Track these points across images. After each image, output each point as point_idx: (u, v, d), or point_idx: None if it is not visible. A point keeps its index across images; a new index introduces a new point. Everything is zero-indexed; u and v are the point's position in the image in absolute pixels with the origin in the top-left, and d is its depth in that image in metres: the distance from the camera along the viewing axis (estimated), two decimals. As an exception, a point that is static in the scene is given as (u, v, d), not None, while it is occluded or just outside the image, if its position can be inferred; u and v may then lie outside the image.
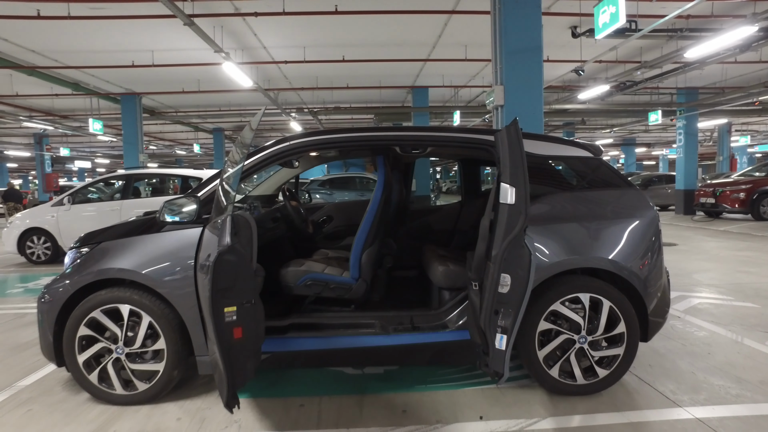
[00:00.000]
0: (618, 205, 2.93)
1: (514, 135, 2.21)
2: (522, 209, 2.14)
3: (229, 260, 1.88)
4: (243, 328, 1.94)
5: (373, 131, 2.98)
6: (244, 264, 1.95)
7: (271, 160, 2.93)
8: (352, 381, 3.04)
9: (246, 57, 10.31)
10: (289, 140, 2.92)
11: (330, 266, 3.30)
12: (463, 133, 2.97)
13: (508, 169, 2.19)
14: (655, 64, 9.47)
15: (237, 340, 1.92)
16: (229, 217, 1.94)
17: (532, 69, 5.43)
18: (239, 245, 1.95)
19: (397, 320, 2.98)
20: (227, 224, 1.92)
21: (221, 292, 1.87)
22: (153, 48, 9.56)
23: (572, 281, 2.76)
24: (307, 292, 3.10)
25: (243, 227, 2.03)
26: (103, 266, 2.74)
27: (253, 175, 2.96)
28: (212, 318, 1.84)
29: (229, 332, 1.90)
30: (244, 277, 1.95)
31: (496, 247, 2.20)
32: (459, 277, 3.09)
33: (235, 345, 1.92)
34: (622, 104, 15.58)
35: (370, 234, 3.06)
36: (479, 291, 2.37)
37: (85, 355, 2.73)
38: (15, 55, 9.74)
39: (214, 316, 1.85)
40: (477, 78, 13.25)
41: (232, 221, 1.94)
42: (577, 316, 2.72)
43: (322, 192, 14.31)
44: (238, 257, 1.92)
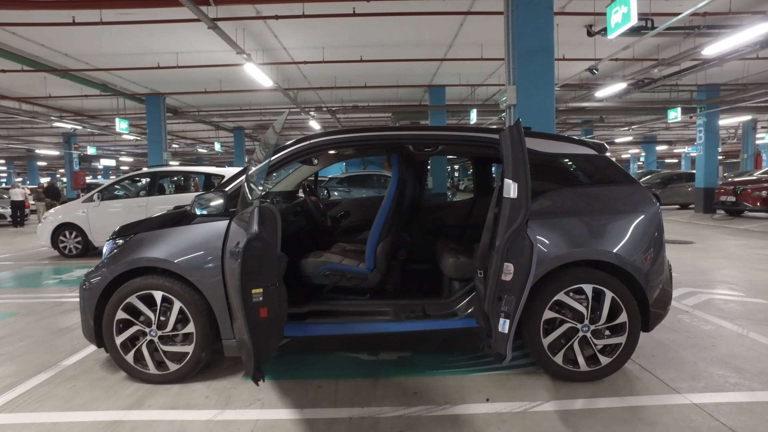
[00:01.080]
0: (621, 201, 3.06)
1: (516, 134, 2.37)
2: (523, 203, 2.30)
3: (257, 246, 2.10)
4: (268, 309, 2.15)
5: (387, 131, 3.17)
6: (270, 250, 2.16)
7: (292, 157, 3.13)
8: (366, 365, 3.24)
9: (267, 58, 10.59)
10: (309, 139, 3.12)
11: (347, 258, 3.50)
12: (471, 132, 3.14)
13: (511, 165, 2.36)
14: (672, 62, 9.44)
15: (263, 320, 2.13)
16: (257, 209, 2.15)
17: (544, 69, 5.55)
18: (266, 233, 2.16)
19: (410, 308, 3.16)
20: (255, 214, 2.13)
21: (249, 275, 2.08)
22: (177, 50, 9.90)
23: (576, 273, 2.90)
24: (325, 282, 3.31)
25: (269, 217, 2.23)
26: (137, 255, 2.98)
27: (275, 172, 3.17)
28: (241, 298, 2.06)
29: (256, 312, 2.11)
30: (269, 262, 2.17)
31: (499, 238, 2.37)
32: (469, 268, 3.26)
33: (260, 324, 2.13)
34: (640, 102, 15.45)
35: (384, 227, 3.25)
36: (484, 279, 2.55)
37: (122, 337, 2.97)
38: (50, 58, 10.20)
39: (243, 296, 2.06)
40: (493, 77, 13.32)
41: (259, 212, 2.16)
42: (581, 306, 2.87)
43: (340, 189, 14.56)
44: (264, 244, 2.13)
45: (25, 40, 8.96)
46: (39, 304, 5.14)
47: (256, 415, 2.57)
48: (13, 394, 2.91)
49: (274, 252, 2.22)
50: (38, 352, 3.64)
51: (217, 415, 2.58)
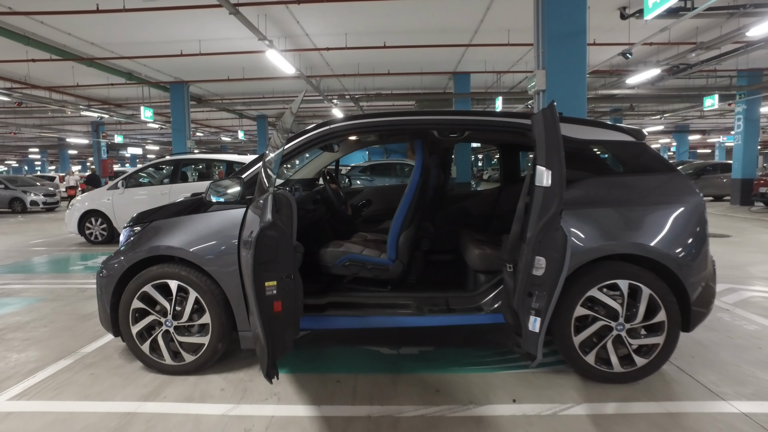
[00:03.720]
0: (661, 191, 2.85)
1: (549, 118, 2.19)
2: (557, 192, 2.13)
3: (271, 236, 1.98)
4: (282, 302, 2.04)
5: (411, 115, 3.02)
6: (285, 240, 2.05)
7: (312, 143, 3.01)
8: (387, 360, 3.12)
9: (289, 45, 10.49)
10: (329, 124, 2.99)
11: (368, 248, 3.38)
12: (499, 117, 2.96)
13: (544, 151, 2.18)
14: (712, 45, 8.94)
15: (277, 314, 2.03)
16: (271, 196, 2.04)
17: (575, 53, 5.28)
18: (280, 222, 2.05)
19: (433, 302, 3.03)
20: (269, 202, 2.02)
21: (263, 266, 1.98)
22: (200, 38, 9.88)
23: (611, 267, 2.72)
24: (345, 272, 3.20)
25: (284, 206, 2.12)
26: (153, 244, 2.92)
27: (295, 158, 3.06)
28: (254, 291, 1.95)
29: (270, 305, 2.00)
30: (284, 252, 2.05)
31: (530, 230, 2.20)
32: (495, 260, 3.11)
33: (275, 318, 2.02)
34: (674, 89, 14.81)
35: (407, 216, 3.12)
36: (513, 273, 2.39)
37: (138, 326, 2.92)
38: (77, 47, 10.32)
39: (255, 289, 1.96)
40: (520, 63, 12.94)
41: (273, 200, 2.04)
42: (615, 303, 2.69)
43: (363, 178, 14.44)
44: (279, 233, 2.01)
45: (53, 29, 9.06)
46: (65, 289, 5.19)
47: (272, 411, 2.49)
48: (34, 380, 2.90)
49: (289, 242, 2.10)
50: (61, 337, 3.64)
51: (232, 410, 2.50)
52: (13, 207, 17.77)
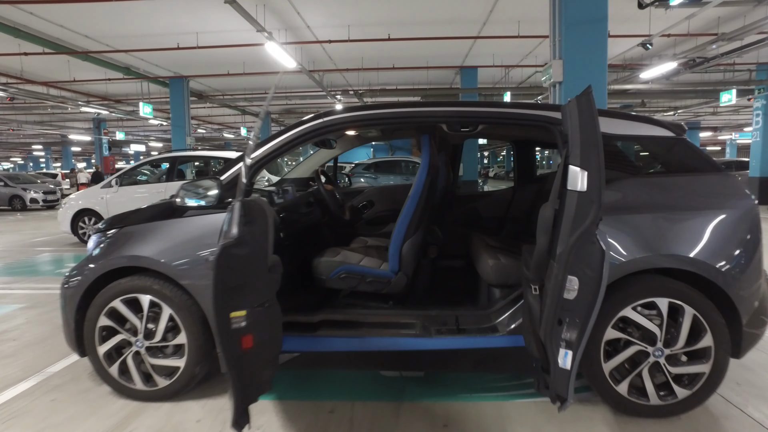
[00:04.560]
0: (705, 194, 2.45)
1: (586, 107, 1.81)
2: (595, 198, 1.75)
3: (237, 255, 1.61)
4: (254, 336, 1.67)
5: (418, 107, 2.63)
6: (257, 259, 1.67)
7: (304, 138, 2.64)
8: (388, 384, 2.75)
9: (290, 37, 10.11)
10: (324, 116, 2.62)
11: (368, 256, 3.01)
12: (519, 109, 2.57)
13: (579, 148, 1.80)
14: (734, 37, 8.48)
15: (247, 351, 1.65)
16: (239, 204, 1.65)
17: (595, 42, 4.87)
18: (251, 236, 1.67)
19: (441, 320, 2.65)
20: (236, 212, 1.64)
21: (227, 293, 1.60)
22: (197, 30, 9.53)
23: (647, 283, 2.34)
24: (341, 286, 2.83)
25: (257, 216, 1.74)
26: (122, 253, 2.57)
27: (283, 155, 2.69)
28: (217, 324, 1.58)
29: (237, 341, 1.63)
30: (256, 275, 1.68)
31: (561, 243, 1.82)
32: (511, 272, 2.73)
33: (244, 356, 1.65)
34: (689, 84, 14.29)
35: (412, 222, 2.74)
36: (539, 296, 2.00)
37: (106, 346, 2.58)
38: (70, 40, 10.00)
39: (218, 322, 1.58)
40: (530, 57, 12.51)
41: (243, 208, 1.66)
42: (652, 325, 2.30)
43: (366, 176, 14.04)
44: (248, 251, 1.64)
45: (43, 21, 8.73)
46: (46, 295, 4.85)
47: (253, 451, 2.12)
48: (-14, 408, 2.56)
49: (262, 261, 1.72)
50: (29, 353, 3.30)
51: (206, 450, 2.14)
52: (13, 205, 17.56)
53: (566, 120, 1.91)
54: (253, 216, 1.71)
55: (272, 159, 2.63)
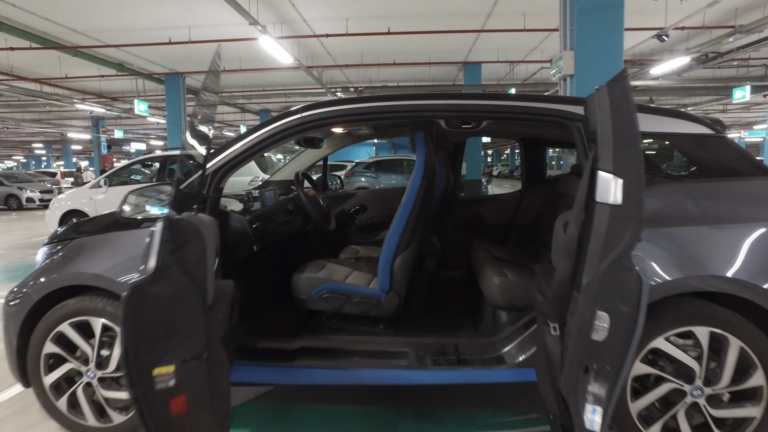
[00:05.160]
0: (753, 202, 2.08)
1: (621, 97, 1.43)
2: (633, 213, 1.37)
3: (157, 295, 1.23)
4: (188, 397, 1.30)
5: (412, 99, 2.26)
6: (188, 297, 1.31)
7: (280, 136, 2.28)
8: (375, 419, 2.38)
9: (286, 31, 9.73)
10: (304, 111, 2.26)
11: (357, 271, 2.65)
12: (531, 102, 2.19)
13: (612, 149, 1.42)
14: (753, 29, 8.04)
15: (179, 417, 1.29)
16: (161, 225, 1.28)
17: (610, 31, 4.48)
18: (179, 267, 1.29)
19: (438, 349, 2.29)
20: (156, 236, 1.27)
21: (145, 346, 1.23)
22: (189, 24, 9.17)
23: (683, 309, 1.96)
24: (323, 307, 2.46)
25: (190, 237, 1.36)
26: (70, 269, 2.22)
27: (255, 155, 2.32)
28: (131, 387, 1.21)
29: (164, 405, 1.26)
30: (187, 317, 1.31)
31: (589, 271, 1.44)
32: (521, 293, 2.36)
33: (175, 424, 1.28)
34: (700, 80, 13.81)
35: (405, 233, 2.37)
36: (560, 336, 1.62)
37: (53, 376, 2.23)
38: (58, 35, 9.66)
39: (134, 384, 1.21)
40: (535, 52, 12.08)
41: (167, 230, 1.28)
42: (690, 358, 1.93)
43: (367, 175, 13.65)
44: (174, 288, 1.27)
45: (27, 13, 8.37)
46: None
47: None
48: None
49: (197, 298, 1.35)
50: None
51: None
52: (9, 204, 17.31)
53: (593, 113, 1.53)
54: (183, 239, 1.34)
55: (243, 162, 2.28)
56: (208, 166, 2.25)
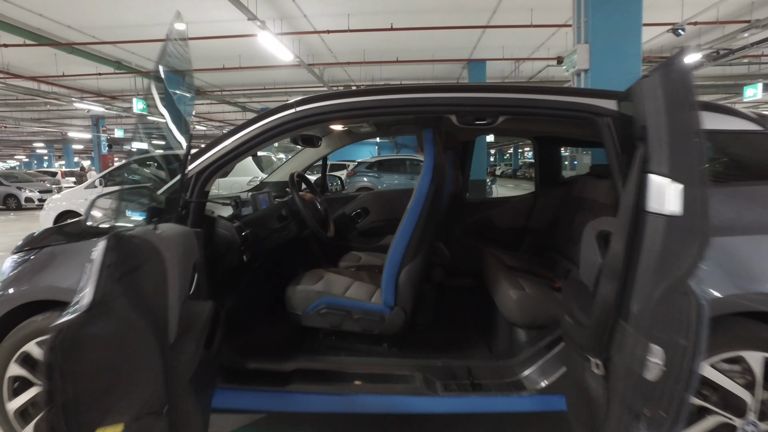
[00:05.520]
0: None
1: (679, 84, 1.18)
2: (698, 226, 1.12)
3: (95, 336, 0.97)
4: None
5: (421, 92, 2.01)
6: (139, 336, 1.05)
7: (272, 134, 2.05)
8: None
9: (286, 27, 9.47)
10: (298, 106, 2.02)
11: (358, 281, 2.41)
12: (557, 96, 1.94)
13: (667, 148, 1.17)
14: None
15: None
16: (104, 245, 1.02)
17: (628, 22, 4.22)
18: (128, 300, 1.04)
19: (449, 372, 2.04)
20: (97, 261, 1.01)
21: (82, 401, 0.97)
22: (187, 20, 8.91)
23: (732, 330, 1.71)
24: (321, 324, 2.22)
25: (147, 259, 1.11)
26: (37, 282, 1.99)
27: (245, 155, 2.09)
28: None
29: None
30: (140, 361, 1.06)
31: (639, 297, 1.19)
32: (541, 309, 2.11)
33: None
34: (710, 77, 13.51)
35: (412, 242, 2.12)
36: (604, 375, 1.36)
37: (18, 402, 2.00)
38: (52, 31, 9.43)
39: None
40: (541, 49, 11.81)
41: (111, 251, 1.02)
42: (739, 387, 1.68)
43: (370, 175, 13.39)
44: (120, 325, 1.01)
45: (21, 9, 8.15)
46: None
47: None
48: None
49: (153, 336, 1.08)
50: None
51: None
52: (8, 204, 17.13)
53: (641, 105, 1.28)
54: (135, 262, 1.08)
55: (231, 162, 2.04)
56: (192, 167, 2.01)
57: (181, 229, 1.50)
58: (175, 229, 1.44)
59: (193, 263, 1.57)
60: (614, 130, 1.82)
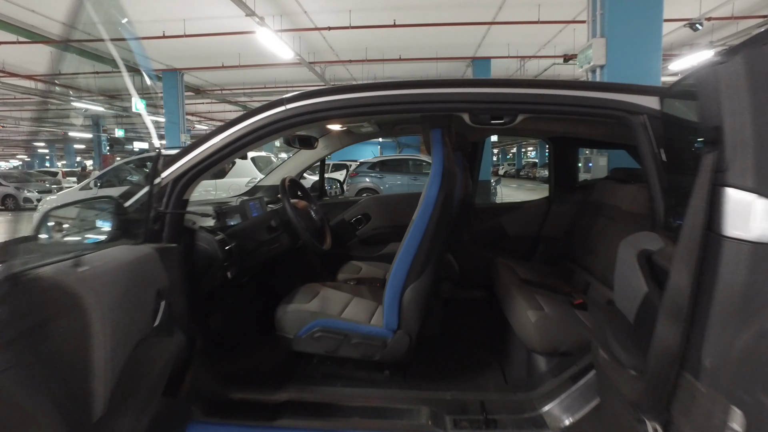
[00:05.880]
0: None
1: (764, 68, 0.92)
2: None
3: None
4: None
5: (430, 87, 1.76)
6: (37, 423, 0.79)
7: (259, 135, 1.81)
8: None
9: (285, 24, 9.22)
10: (288, 102, 1.77)
11: (358, 298, 2.16)
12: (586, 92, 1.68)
13: (752, 155, 0.91)
14: (787, 19, 7.50)
15: None
16: None
17: (648, 13, 3.94)
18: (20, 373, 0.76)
19: (459, 406, 1.79)
20: None
21: None
22: (184, 17, 8.69)
23: None
24: (314, 349, 1.96)
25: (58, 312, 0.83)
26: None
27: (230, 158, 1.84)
28: None
29: None
30: None
31: (714, 346, 0.93)
32: (565, 333, 1.86)
33: None
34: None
35: (418, 257, 1.86)
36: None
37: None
38: (46, 28, 9.19)
39: None
40: (548, 47, 11.55)
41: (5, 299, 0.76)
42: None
43: (372, 175, 13.11)
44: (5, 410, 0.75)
45: (11, 4, 7.92)
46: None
47: None
48: None
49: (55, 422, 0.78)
50: None
51: None
52: (6, 204, 16.92)
53: (713, 100, 1.02)
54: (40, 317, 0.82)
55: (213, 167, 1.79)
56: (167, 173, 1.76)
57: (133, 255, 1.25)
58: (120, 257, 1.19)
59: (157, 290, 1.32)
60: (651, 130, 1.57)
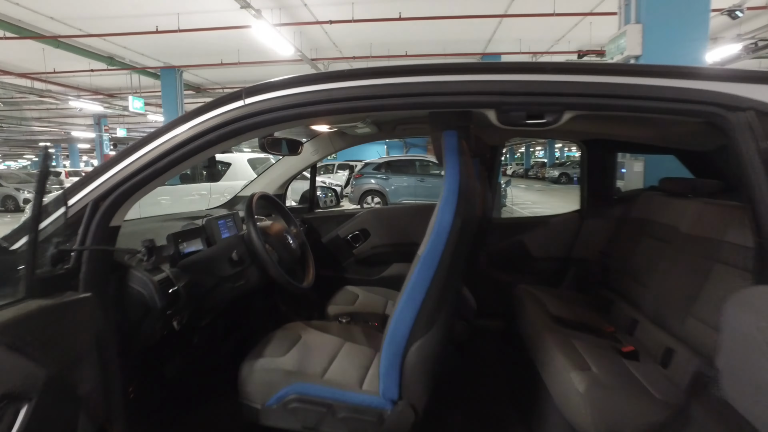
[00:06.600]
0: None
1: None
2: None
3: None
4: None
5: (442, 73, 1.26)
6: None
7: (209, 138, 1.32)
8: None
9: (285, 17, 8.74)
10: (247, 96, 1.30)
11: (349, 344, 1.67)
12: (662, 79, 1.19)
13: None
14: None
15: None
16: None
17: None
18: None
19: None
20: None
21: None
22: (178, 11, 8.23)
23: None
24: (288, 424, 1.47)
25: None
26: None
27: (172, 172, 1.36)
28: None
29: None
30: None
31: None
32: (625, 409, 1.36)
33: None
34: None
35: (425, 307, 1.36)
36: None
37: None
38: (34, 23, 8.78)
39: None
40: (562, 42, 11.01)
41: None
42: None
43: (377, 177, 12.62)
44: None
45: (-4, -2, 7.52)
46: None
47: None
48: None
49: None
50: None
51: None
52: (6, 205, 16.64)
53: None
54: None
55: (146, 185, 1.31)
56: (85, 192, 1.29)
57: None
58: None
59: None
60: (758, 130, 1.08)
